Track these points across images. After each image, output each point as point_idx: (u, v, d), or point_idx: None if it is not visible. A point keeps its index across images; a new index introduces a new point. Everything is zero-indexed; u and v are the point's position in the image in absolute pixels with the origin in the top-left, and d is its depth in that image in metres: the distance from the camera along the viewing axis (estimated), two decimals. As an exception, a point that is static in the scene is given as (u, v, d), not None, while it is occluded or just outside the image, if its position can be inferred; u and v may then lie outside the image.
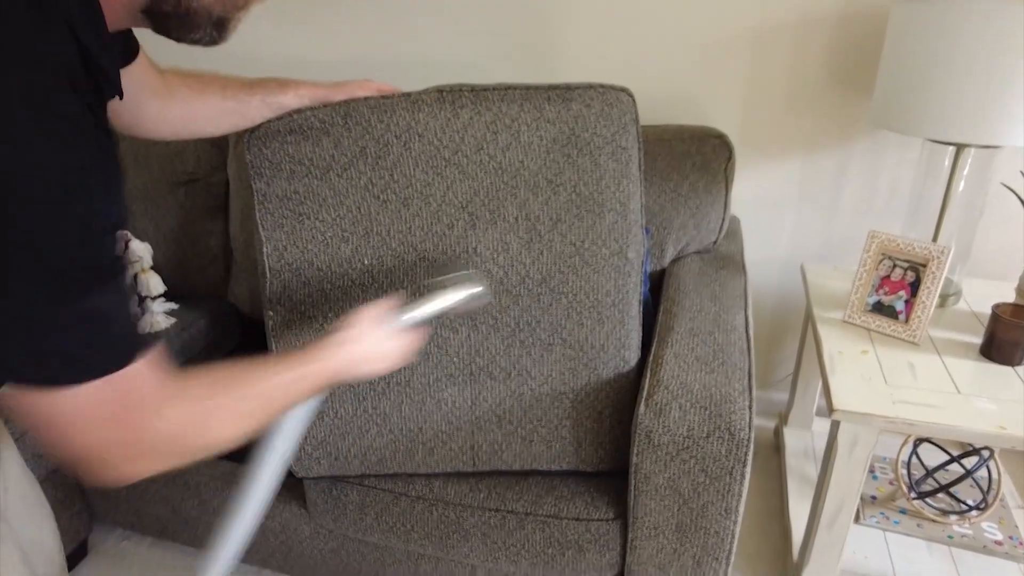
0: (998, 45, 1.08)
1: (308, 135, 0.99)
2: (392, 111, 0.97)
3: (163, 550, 1.57)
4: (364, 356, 0.81)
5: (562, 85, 0.98)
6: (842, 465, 1.14)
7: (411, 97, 0.98)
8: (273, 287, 1.06)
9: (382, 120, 0.97)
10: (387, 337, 0.83)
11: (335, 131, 0.98)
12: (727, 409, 0.95)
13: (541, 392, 1.07)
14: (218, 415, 0.65)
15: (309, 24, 1.83)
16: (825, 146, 1.59)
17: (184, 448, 0.63)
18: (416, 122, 0.97)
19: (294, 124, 0.99)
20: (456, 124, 0.97)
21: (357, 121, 0.98)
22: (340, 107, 0.98)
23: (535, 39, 1.66)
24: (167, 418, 0.60)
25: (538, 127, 0.96)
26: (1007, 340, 1.17)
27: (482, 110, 0.96)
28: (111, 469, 0.59)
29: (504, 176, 0.97)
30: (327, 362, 0.76)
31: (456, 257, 1.00)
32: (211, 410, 0.64)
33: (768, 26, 1.51)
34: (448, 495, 1.13)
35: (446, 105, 0.97)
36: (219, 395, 0.65)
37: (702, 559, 1.03)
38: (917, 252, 1.23)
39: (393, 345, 0.84)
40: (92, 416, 0.55)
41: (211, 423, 0.64)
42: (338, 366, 0.78)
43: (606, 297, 1.01)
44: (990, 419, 1.04)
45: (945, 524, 1.39)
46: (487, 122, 0.96)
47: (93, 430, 0.56)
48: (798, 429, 1.71)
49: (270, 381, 0.70)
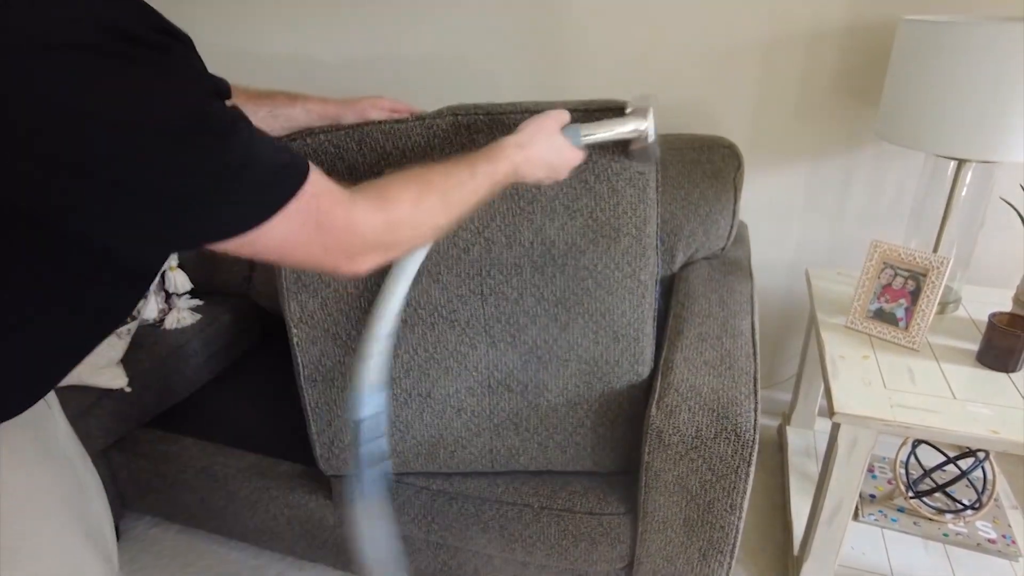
0: (999, 66, 1.13)
1: (322, 160, 1.00)
2: (407, 137, 0.99)
3: (190, 537, 1.64)
4: (537, 158, 0.85)
5: (580, 106, 0.98)
6: (842, 465, 1.20)
7: (425, 122, 0.99)
8: (292, 308, 1.10)
9: (396, 147, 0.99)
10: (558, 148, 0.87)
11: (349, 156, 1.00)
12: (733, 412, 1.01)
13: (557, 403, 1.13)
14: (413, 206, 0.71)
15: (319, 24, 1.88)
16: (832, 155, 1.63)
17: (396, 241, 0.71)
18: (431, 148, 0.99)
19: (308, 148, 1.00)
20: (471, 149, 0.98)
21: (371, 147, 1.00)
22: (354, 132, 0.99)
23: (549, 47, 1.71)
24: (366, 217, 0.67)
25: None
26: (1002, 348, 1.22)
27: (497, 135, 0.97)
28: (341, 267, 0.67)
29: (520, 202, 1.00)
30: (505, 163, 0.82)
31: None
32: (405, 202, 0.71)
33: (778, 38, 1.55)
34: (468, 489, 1.20)
35: (461, 130, 0.99)
36: (408, 189, 0.72)
37: (707, 552, 1.09)
38: (918, 262, 1.29)
39: (557, 157, 0.88)
40: (300, 232, 0.62)
41: (409, 214, 0.71)
42: (514, 167, 0.83)
43: (621, 318, 1.06)
44: (983, 423, 1.09)
45: (941, 523, 1.45)
46: None
47: (308, 244, 0.63)
48: (801, 428, 1.77)
49: (458, 178, 0.77)
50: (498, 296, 1.05)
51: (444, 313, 1.06)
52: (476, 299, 1.06)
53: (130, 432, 1.56)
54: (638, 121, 0.92)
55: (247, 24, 1.94)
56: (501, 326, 1.08)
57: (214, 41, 1.99)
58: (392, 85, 1.90)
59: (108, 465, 1.55)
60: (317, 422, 1.18)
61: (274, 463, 1.42)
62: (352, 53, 1.90)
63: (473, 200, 0.79)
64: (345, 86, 1.95)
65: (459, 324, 1.07)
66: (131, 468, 1.54)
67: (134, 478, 1.55)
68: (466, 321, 1.07)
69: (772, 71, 1.59)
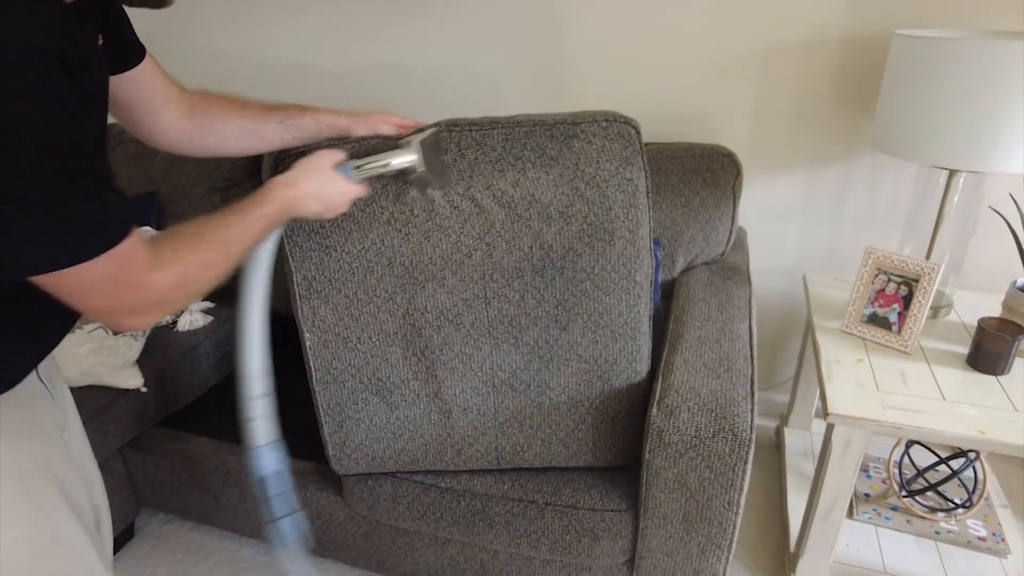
0: (988, 81, 1.17)
1: None
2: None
3: (203, 534, 1.68)
4: (307, 194, 0.90)
5: (567, 119, 1.03)
6: (836, 464, 1.24)
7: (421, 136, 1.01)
8: (304, 312, 1.15)
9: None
10: (330, 181, 0.93)
11: None
12: (731, 412, 1.05)
13: (559, 401, 1.17)
14: (200, 265, 0.76)
15: (324, 33, 1.93)
16: (828, 163, 1.68)
17: (179, 297, 0.75)
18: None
19: None
20: (463, 163, 1.04)
21: None
22: (353, 147, 1.03)
23: (551, 57, 1.76)
24: (161, 279, 0.72)
25: (543, 164, 1.03)
26: (991, 351, 1.27)
27: (487, 150, 1.03)
28: (124, 321, 0.72)
29: (517, 209, 1.04)
30: (276, 203, 0.87)
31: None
32: (194, 263, 0.76)
33: (776, 49, 1.60)
34: (475, 486, 1.24)
35: (452, 146, 1.03)
36: (197, 250, 0.77)
37: (706, 547, 1.13)
38: (910, 268, 1.33)
39: (332, 190, 0.93)
40: (102, 284, 0.67)
41: (196, 273, 0.76)
42: (285, 205, 0.88)
43: (618, 317, 1.11)
44: (972, 424, 1.14)
45: (933, 521, 1.49)
46: (492, 160, 1.03)
47: (105, 295, 0.69)
48: (798, 429, 1.81)
49: (235, 228, 0.82)
50: (500, 299, 1.09)
51: (449, 317, 1.11)
52: (480, 303, 1.10)
53: (145, 431, 1.60)
54: (406, 154, 0.97)
55: (253, 31, 1.99)
56: (504, 328, 1.12)
57: (221, 47, 2.04)
58: (396, 94, 1.95)
59: (124, 463, 1.60)
60: (329, 423, 1.23)
61: (287, 462, 1.46)
62: (356, 62, 1.95)
63: (249, 242, 0.84)
64: (350, 94, 2.00)
65: (464, 327, 1.12)
66: (146, 466, 1.59)
67: (149, 476, 1.60)
68: (470, 324, 1.11)
69: (770, 82, 1.63)
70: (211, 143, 1.01)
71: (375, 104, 1.96)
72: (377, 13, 1.86)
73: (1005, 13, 1.42)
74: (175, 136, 0.98)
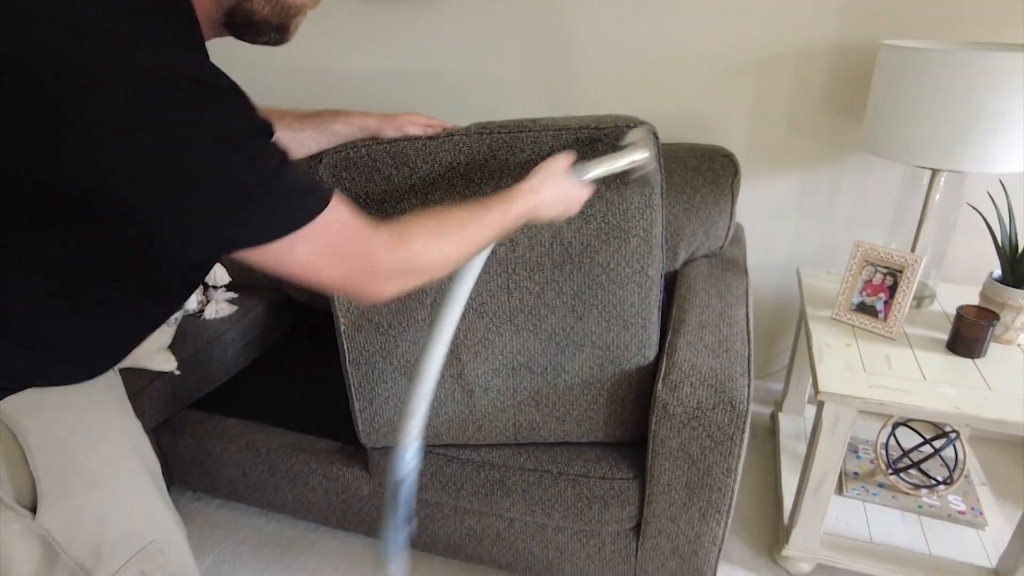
0: (968, 89, 1.27)
1: (362, 171, 1.13)
2: (437, 153, 1.12)
3: (231, 510, 1.78)
4: (548, 200, 0.95)
5: (591, 123, 1.11)
6: (826, 440, 1.35)
7: (453, 139, 1.11)
8: (340, 299, 1.24)
9: (427, 161, 1.13)
10: (566, 186, 0.97)
11: (385, 169, 1.13)
12: (730, 387, 1.16)
13: (573, 383, 1.28)
14: (430, 245, 0.80)
15: (333, 37, 2.04)
16: (821, 163, 1.79)
17: (407, 270, 0.79)
18: (458, 163, 1.13)
19: (348, 160, 1.12)
20: (494, 164, 1.13)
21: (404, 162, 1.13)
22: (389, 147, 1.12)
23: (559, 64, 1.87)
24: (383, 246, 0.76)
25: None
26: (969, 336, 1.37)
27: (516, 151, 1.12)
28: (364, 292, 0.76)
29: None
30: (519, 206, 0.91)
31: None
32: (424, 239, 0.80)
33: (772, 56, 1.71)
34: (493, 458, 1.34)
35: (483, 148, 1.12)
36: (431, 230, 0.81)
37: (707, 512, 1.24)
38: (895, 260, 1.44)
39: (570, 194, 0.98)
40: (320, 256, 0.72)
41: (429, 251, 0.80)
42: (527, 209, 0.92)
43: (630, 308, 1.21)
44: (949, 401, 1.24)
45: (916, 496, 1.60)
46: (521, 162, 1.12)
47: (328, 267, 0.73)
48: (791, 415, 1.92)
49: (478, 219, 0.86)
50: (522, 290, 1.20)
51: (475, 305, 1.21)
52: (502, 293, 1.20)
53: (176, 413, 1.70)
54: (634, 154, 1.04)
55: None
56: (524, 316, 1.22)
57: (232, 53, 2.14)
58: (407, 99, 2.05)
59: (156, 443, 1.69)
60: (360, 400, 1.33)
61: (314, 440, 1.57)
62: (369, 67, 2.05)
63: (486, 238, 0.89)
64: (363, 99, 2.10)
65: (487, 314, 1.22)
66: (178, 446, 1.68)
67: (180, 455, 1.69)
68: (493, 312, 1.22)
69: (766, 87, 1.74)
70: None
71: (386, 107, 2.07)
72: (390, 20, 1.96)
73: (985, 24, 1.53)
74: None
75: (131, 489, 0.89)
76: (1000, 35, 1.53)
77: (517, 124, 1.13)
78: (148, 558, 0.90)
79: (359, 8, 1.98)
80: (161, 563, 0.92)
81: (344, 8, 1.99)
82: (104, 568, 0.85)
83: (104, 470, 0.85)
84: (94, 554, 0.84)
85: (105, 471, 0.85)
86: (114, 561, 0.86)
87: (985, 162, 1.33)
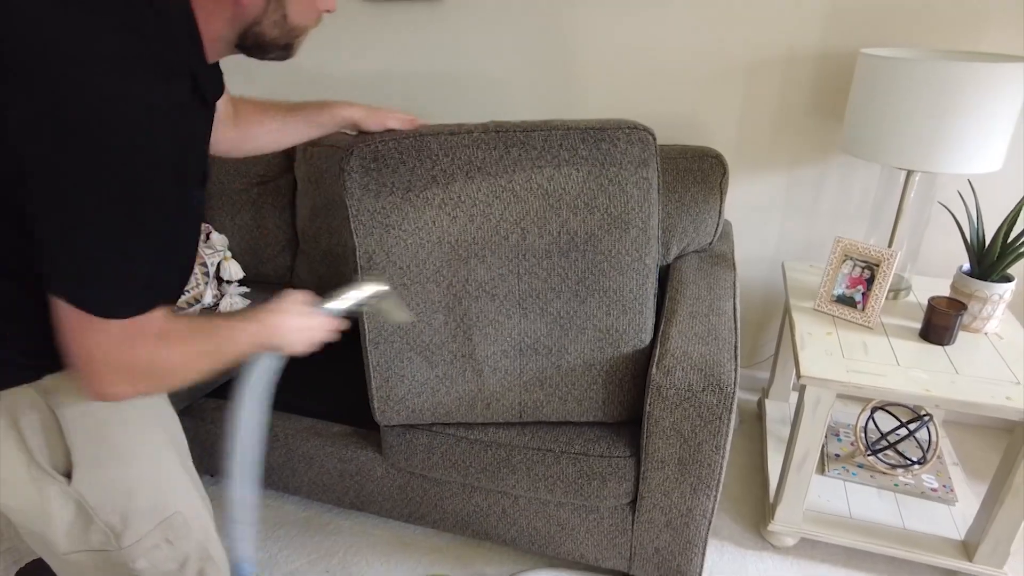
0: (938, 95, 1.38)
1: (389, 163, 1.23)
2: (457, 148, 1.22)
3: (247, 492, 1.87)
4: (287, 327, 0.94)
5: (597, 125, 1.23)
6: (808, 420, 1.46)
7: (473, 135, 1.22)
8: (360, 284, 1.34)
9: (447, 155, 1.23)
10: (308, 318, 0.97)
11: (410, 161, 1.23)
12: (718, 371, 1.26)
13: (575, 364, 1.38)
14: (191, 355, 0.82)
15: (337, 38, 2.12)
16: (805, 163, 1.90)
17: (164, 380, 0.80)
18: (475, 157, 1.23)
19: (378, 153, 1.23)
20: (508, 159, 1.23)
21: (427, 155, 1.23)
22: (413, 141, 1.22)
23: (557, 67, 1.96)
24: (163, 355, 0.78)
25: (575, 162, 1.23)
26: (939, 325, 1.48)
27: (529, 148, 1.22)
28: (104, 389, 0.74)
29: (549, 200, 1.24)
30: (261, 324, 0.91)
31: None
32: (188, 351, 0.82)
33: (758, 61, 1.81)
34: (500, 438, 1.44)
35: (500, 144, 1.23)
36: (192, 340, 0.82)
37: (697, 487, 1.34)
38: (872, 254, 1.55)
39: (310, 325, 0.97)
40: (113, 344, 0.72)
41: (187, 362, 0.82)
42: (268, 330, 0.92)
43: (629, 294, 1.31)
44: (920, 384, 1.35)
45: (892, 475, 1.71)
46: (533, 158, 1.23)
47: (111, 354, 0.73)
48: (777, 401, 2.03)
49: (222, 332, 0.87)
50: (531, 275, 1.30)
51: (487, 288, 1.31)
52: (512, 277, 1.30)
53: (195, 401, 1.79)
54: (371, 286, 1.09)
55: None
56: (532, 300, 1.32)
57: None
58: (409, 99, 2.14)
59: (177, 428, 1.78)
60: (377, 378, 1.42)
61: (329, 425, 1.66)
62: (373, 68, 2.14)
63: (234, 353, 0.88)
64: (365, 99, 2.19)
65: (498, 297, 1.32)
66: (197, 432, 1.77)
67: (200, 441, 1.78)
68: (504, 295, 1.32)
69: (753, 91, 1.85)
70: (249, 147, 1.16)
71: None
72: (392, 22, 2.05)
73: (958, 34, 1.64)
74: (224, 146, 1.11)
75: (157, 464, 0.96)
76: (973, 44, 1.64)
77: (531, 124, 1.24)
78: (172, 528, 0.98)
79: (361, 10, 2.06)
80: (184, 534, 1.00)
81: (346, 11, 2.08)
82: (132, 533, 0.93)
83: (133, 445, 0.93)
84: (123, 520, 0.92)
85: (134, 446, 0.93)
86: (142, 527, 0.94)
87: (955, 163, 1.43)
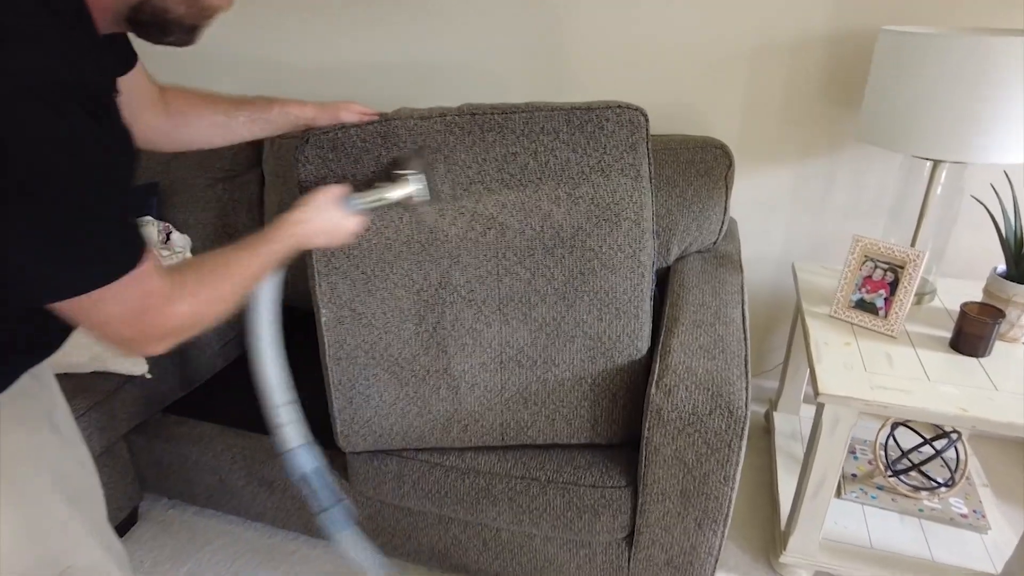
0: (971, 75, 1.23)
1: (350, 153, 1.10)
2: (427, 134, 1.09)
3: (207, 518, 1.71)
4: (316, 231, 0.97)
5: (583, 106, 1.09)
6: (825, 442, 1.30)
7: (445, 119, 1.09)
8: (322, 288, 1.18)
9: (416, 142, 1.09)
10: (336, 216, 0.99)
11: (375, 150, 1.10)
12: (727, 391, 1.10)
13: (563, 377, 1.22)
14: (213, 298, 0.80)
15: (323, 29, 1.96)
16: (816, 155, 1.73)
17: (194, 326, 0.78)
18: (446, 143, 1.09)
19: (337, 142, 1.10)
20: (481, 145, 1.09)
21: (394, 142, 1.10)
22: (380, 127, 1.09)
23: (554, 53, 1.80)
24: (177, 310, 0.75)
25: (554, 148, 1.09)
26: (973, 334, 1.32)
27: (507, 132, 1.08)
28: (148, 349, 0.75)
29: (527, 191, 1.10)
30: (287, 240, 0.92)
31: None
32: (207, 295, 0.79)
33: (766, 46, 1.65)
34: (479, 465, 1.28)
35: (475, 128, 1.09)
36: (210, 283, 0.80)
37: (703, 522, 1.18)
38: (896, 255, 1.39)
39: (340, 224, 1.00)
40: (123, 312, 0.71)
41: (209, 305, 0.80)
42: (295, 241, 0.94)
43: (622, 295, 1.16)
44: (954, 403, 1.19)
45: (916, 499, 1.55)
46: (508, 143, 1.09)
47: (128, 324, 0.72)
48: (787, 413, 1.87)
49: (247, 262, 0.86)
50: (512, 276, 1.14)
51: (463, 293, 1.15)
52: (492, 279, 1.15)
53: (151, 417, 1.63)
54: (407, 187, 1.06)
55: (256, 30, 2.01)
56: (514, 304, 1.17)
57: (224, 46, 2.06)
58: (399, 91, 1.98)
59: (129, 448, 1.62)
60: (339, 399, 1.26)
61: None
62: (360, 60, 1.98)
63: (260, 276, 0.89)
64: (353, 92, 2.03)
65: (476, 303, 1.16)
66: (152, 451, 1.61)
67: (155, 461, 1.62)
68: (482, 300, 1.16)
69: (760, 77, 1.68)
70: (184, 139, 1.06)
71: (379, 100, 2.00)
72: (381, 11, 1.89)
73: (986, 9, 1.48)
74: (152, 135, 1.02)
75: (36, 513, 0.85)
76: (1001, 21, 1.48)
77: (510, 106, 1.09)
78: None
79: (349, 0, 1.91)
80: None
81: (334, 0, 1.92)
82: None
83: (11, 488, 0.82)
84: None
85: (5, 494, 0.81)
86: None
87: (989, 152, 1.28)
